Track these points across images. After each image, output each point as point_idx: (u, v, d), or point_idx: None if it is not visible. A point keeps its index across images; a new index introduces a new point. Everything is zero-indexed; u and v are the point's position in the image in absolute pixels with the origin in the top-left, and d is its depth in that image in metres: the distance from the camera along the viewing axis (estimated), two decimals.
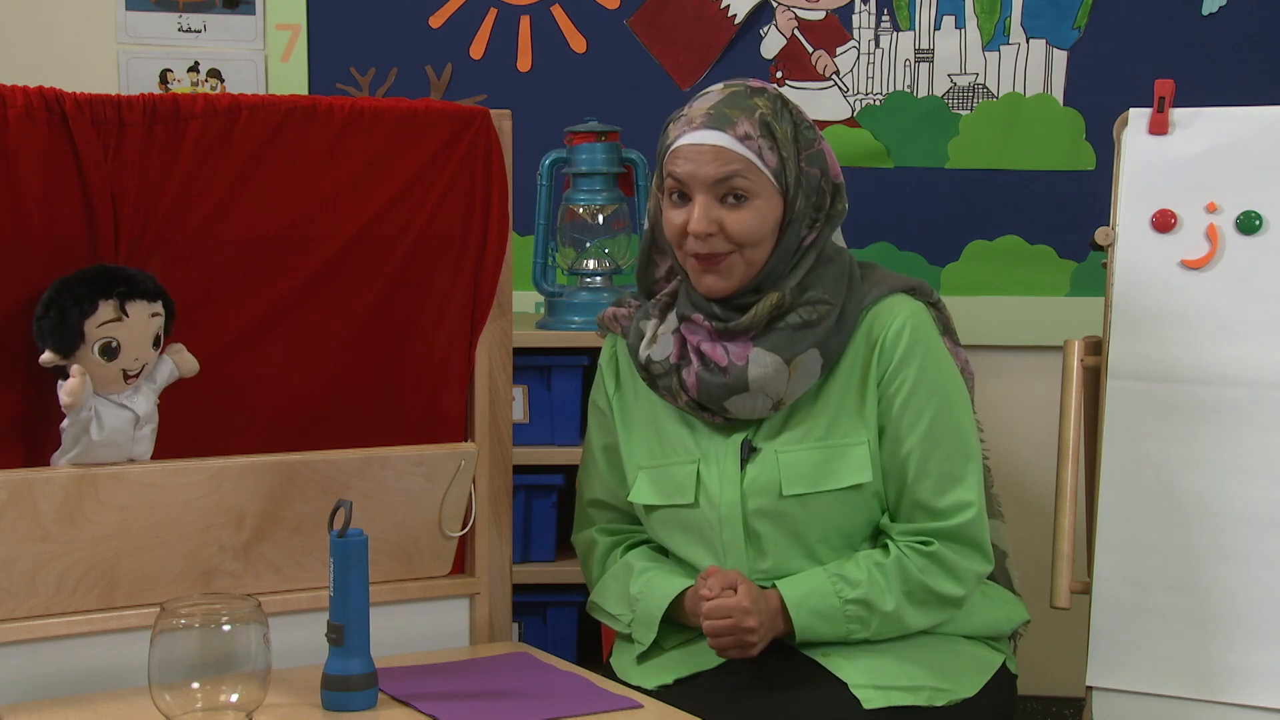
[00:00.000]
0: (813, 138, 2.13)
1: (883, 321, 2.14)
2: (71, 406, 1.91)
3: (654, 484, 2.20)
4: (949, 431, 2.13)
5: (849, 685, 2.05)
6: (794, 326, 2.10)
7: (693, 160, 2.08)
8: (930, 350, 2.15)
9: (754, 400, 2.11)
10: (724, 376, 2.10)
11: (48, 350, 1.91)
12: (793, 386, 2.11)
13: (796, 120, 2.12)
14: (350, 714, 1.88)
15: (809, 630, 2.07)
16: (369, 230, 2.14)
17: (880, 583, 2.08)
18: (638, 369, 2.20)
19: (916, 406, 2.12)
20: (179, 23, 3.24)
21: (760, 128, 2.08)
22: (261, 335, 2.09)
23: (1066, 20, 3.16)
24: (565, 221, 2.93)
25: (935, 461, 2.11)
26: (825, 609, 2.07)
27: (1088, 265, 3.16)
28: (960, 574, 2.11)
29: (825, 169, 2.14)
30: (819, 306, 2.11)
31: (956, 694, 2.10)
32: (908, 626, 2.10)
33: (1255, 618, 2.28)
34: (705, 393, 2.12)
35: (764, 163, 2.08)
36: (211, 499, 2.01)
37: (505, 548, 2.27)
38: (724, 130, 2.08)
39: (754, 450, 2.14)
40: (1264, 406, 2.30)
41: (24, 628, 1.94)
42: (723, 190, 2.08)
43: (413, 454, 2.13)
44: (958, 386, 2.17)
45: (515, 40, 3.24)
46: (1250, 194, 2.35)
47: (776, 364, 2.09)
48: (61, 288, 1.91)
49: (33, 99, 1.93)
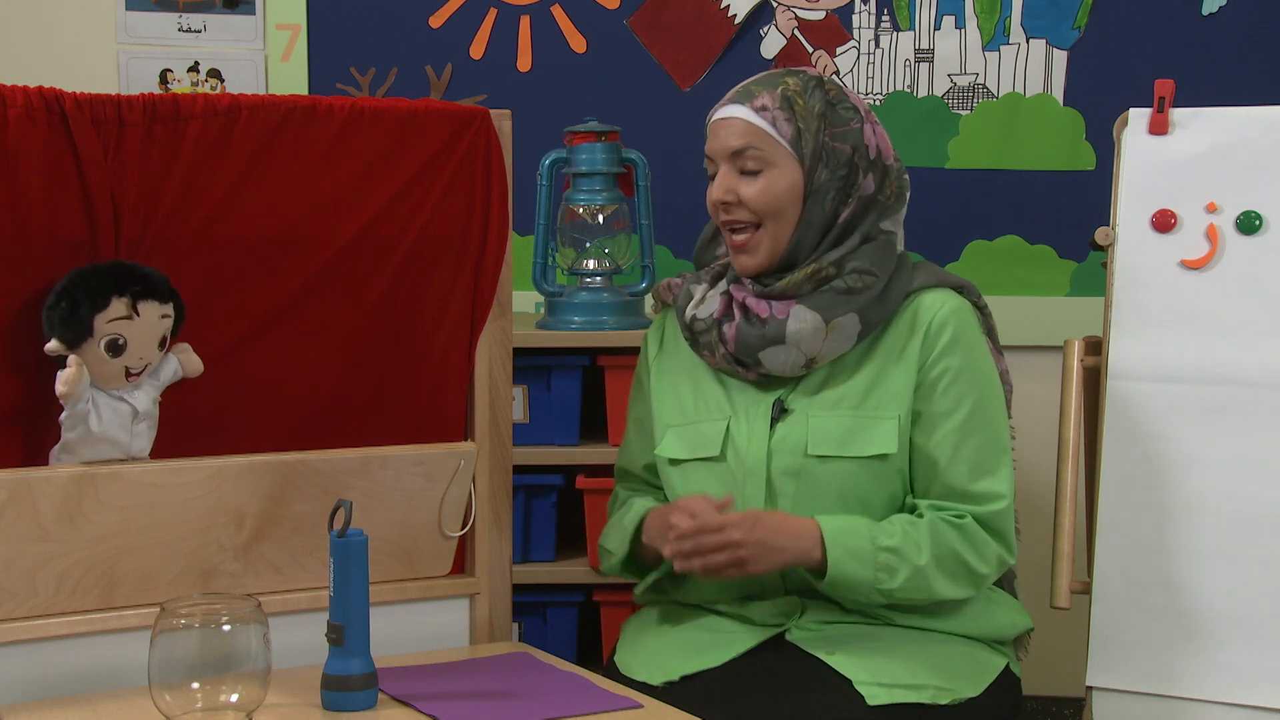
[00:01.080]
0: (849, 117, 2.17)
1: (929, 308, 2.18)
2: (67, 396, 1.91)
3: (682, 439, 2.23)
4: (986, 423, 2.16)
5: (853, 682, 2.05)
6: (838, 290, 2.14)
7: (716, 135, 2.19)
8: (974, 345, 2.19)
9: (787, 354, 2.14)
10: (763, 328, 2.15)
11: (54, 339, 1.91)
12: (828, 347, 2.14)
13: (833, 100, 2.17)
14: (350, 714, 1.88)
15: (839, 565, 2.07)
16: (369, 230, 2.14)
17: (914, 537, 2.10)
18: (682, 328, 2.26)
19: (957, 394, 2.15)
20: (179, 23, 3.24)
21: (780, 100, 2.15)
22: (261, 335, 2.09)
23: (1066, 20, 3.16)
24: (565, 221, 2.93)
25: (969, 449, 2.14)
26: (859, 549, 2.08)
27: (1088, 265, 3.16)
28: (986, 553, 2.13)
29: (860, 146, 2.17)
30: (865, 276, 2.15)
31: (960, 693, 2.10)
32: (933, 590, 2.10)
33: (1255, 618, 2.28)
34: (742, 344, 2.16)
35: (779, 133, 2.14)
36: (211, 499, 2.01)
37: (505, 548, 2.27)
38: (743, 103, 2.16)
39: (785, 411, 2.17)
40: (1264, 406, 2.30)
41: (24, 628, 1.94)
42: (740, 162, 2.16)
43: (412, 454, 2.13)
44: (996, 385, 2.21)
45: (515, 40, 3.24)
46: (1250, 194, 2.35)
47: (816, 321, 2.13)
48: (76, 279, 1.91)
49: (33, 99, 1.93)
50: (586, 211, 2.92)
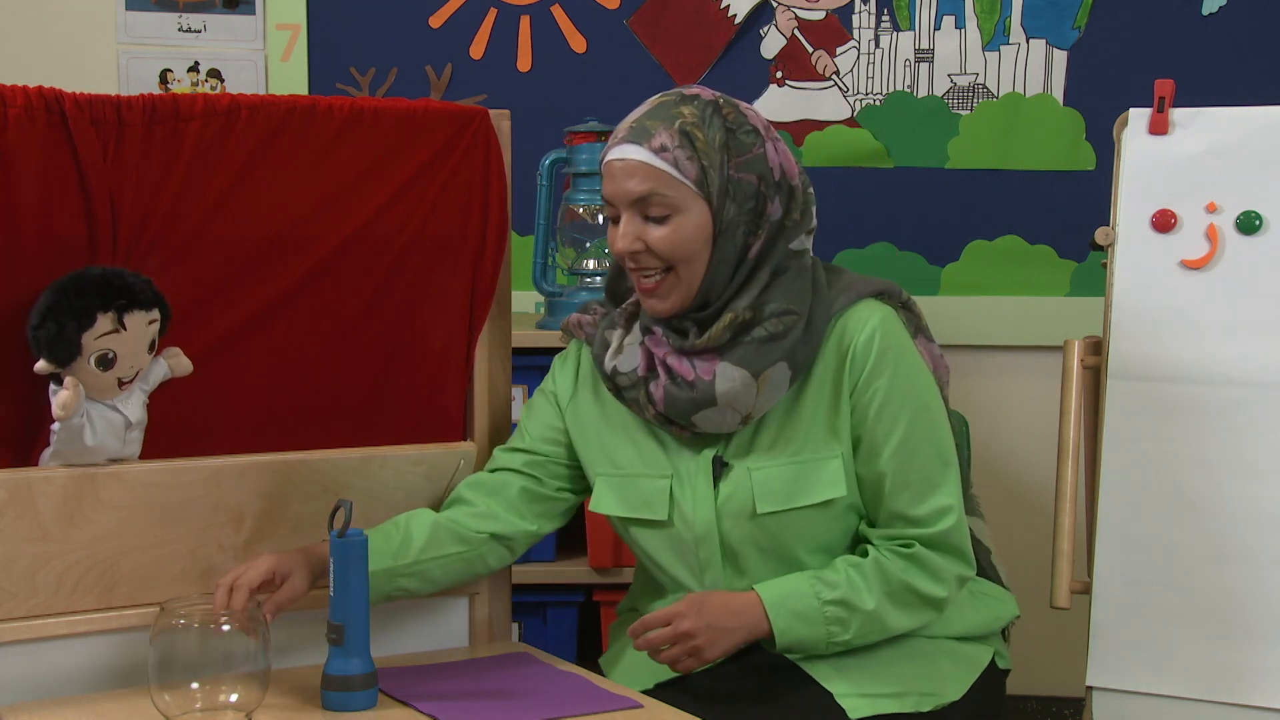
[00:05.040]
0: (751, 143, 2.03)
1: (852, 330, 2.09)
2: (64, 419, 1.90)
3: (617, 493, 2.15)
4: (924, 439, 2.09)
5: (834, 695, 2.03)
6: (760, 340, 2.04)
7: (614, 178, 2.03)
8: (901, 357, 2.10)
9: (722, 415, 2.06)
10: (691, 391, 2.05)
11: (43, 359, 1.90)
12: (762, 400, 2.06)
13: (732, 125, 2.03)
14: (350, 714, 1.88)
15: (789, 632, 2.03)
16: (368, 229, 2.14)
17: (859, 583, 2.05)
18: (604, 379, 2.14)
19: (890, 416, 2.07)
20: (179, 23, 3.24)
21: (679, 137, 2.00)
22: (261, 334, 2.09)
23: (1066, 20, 3.16)
24: (565, 221, 2.93)
25: (912, 472, 2.08)
26: (804, 609, 2.03)
27: (1088, 265, 3.16)
28: (942, 575, 2.08)
29: (765, 174, 2.04)
30: (785, 318, 2.05)
31: (944, 697, 2.08)
32: (890, 628, 2.07)
33: (1255, 617, 2.28)
34: (672, 407, 2.07)
35: (682, 173, 2.00)
36: (211, 498, 2.01)
37: None
38: (641, 144, 2.01)
39: (726, 466, 2.10)
40: (1264, 406, 2.30)
41: (24, 628, 1.94)
42: (644, 208, 2.01)
43: (412, 453, 2.13)
44: (932, 392, 2.13)
45: (515, 40, 3.24)
46: (1250, 194, 2.35)
47: (744, 378, 2.04)
48: (59, 299, 1.90)
49: (32, 99, 1.92)
50: (586, 211, 2.92)
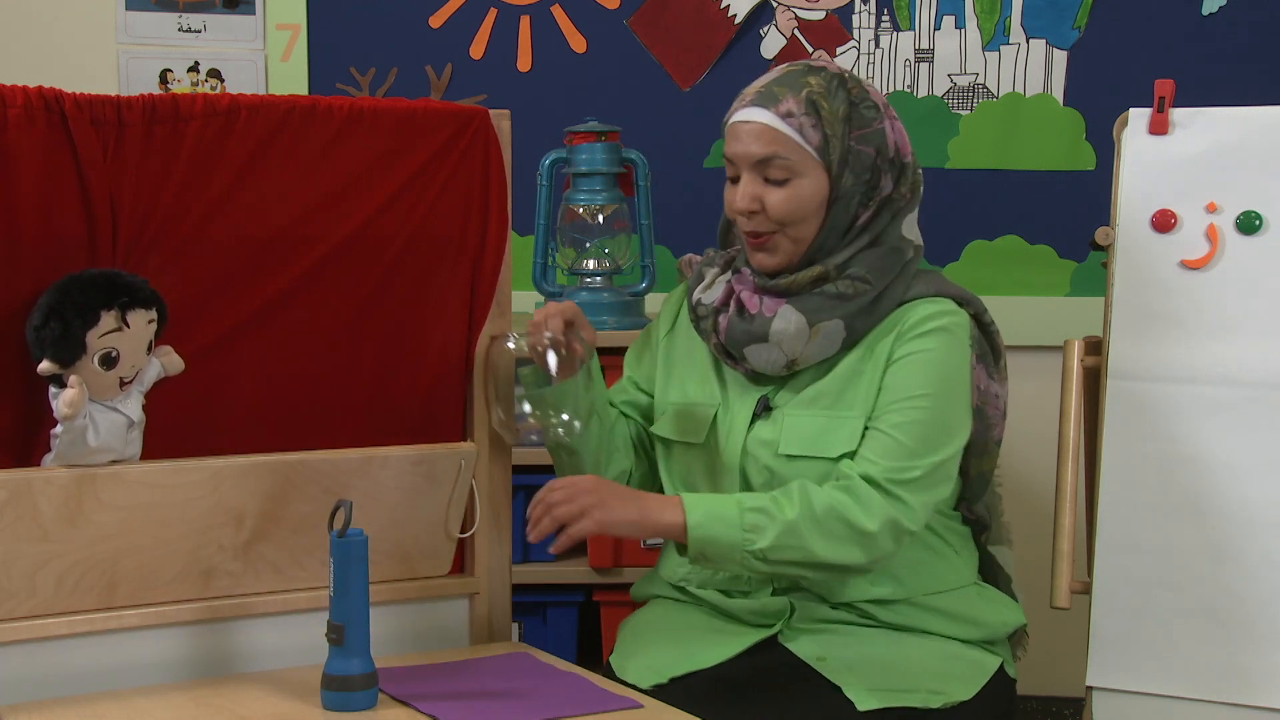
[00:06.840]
0: (872, 117, 2.13)
1: (915, 314, 2.14)
2: (70, 418, 1.90)
3: (675, 421, 2.24)
4: (924, 417, 2.09)
5: (843, 688, 2.04)
6: (829, 295, 2.12)
7: (739, 139, 2.13)
8: (949, 344, 2.13)
9: (769, 352, 2.13)
10: (749, 324, 2.14)
11: (46, 360, 1.90)
12: (809, 350, 2.13)
13: (856, 99, 2.12)
14: (350, 714, 1.88)
15: (702, 527, 2.03)
16: (368, 229, 2.14)
17: (782, 500, 2.05)
18: (689, 309, 2.25)
19: (903, 377, 2.09)
20: (179, 23, 3.24)
21: (805, 105, 2.09)
22: (261, 334, 2.09)
23: (1066, 20, 3.17)
24: (565, 221, 2.94)
25: (899, 433, 2.07)
26: (722, 512, 2.04)
27: (1088, 265, 3.16)
28: (872, 509, 2.04)
29: (883, 148, 2.13)
30: (858, 284, 2.12)
31: (953, 696, 2.09)
32: (812, 551, 2.03)
33: (1255, 617, 2.28)
34: (730, 336, 2.16)
35: (806, 140, 2.09)
36: (211, 499, 2.01)
37: (505, 548, 2.27)
38: (768, 108, 2.10)
39: (770, 409, 2.17)
40: (1264, 406, 2.30)
41: (24, 628, 1.94)
42: (765, 170, 2.11)
43: (412, 454, 2.13)
44: (958, 389, 2.13)
45: (515, 40, 3.25)
46: (1250, 194, 2.35)
47: (800, 323, 2.11)
48: (63, 297, 1.90)
49: (32, 99, 1.92)
50: (586, 211, 2.92)
